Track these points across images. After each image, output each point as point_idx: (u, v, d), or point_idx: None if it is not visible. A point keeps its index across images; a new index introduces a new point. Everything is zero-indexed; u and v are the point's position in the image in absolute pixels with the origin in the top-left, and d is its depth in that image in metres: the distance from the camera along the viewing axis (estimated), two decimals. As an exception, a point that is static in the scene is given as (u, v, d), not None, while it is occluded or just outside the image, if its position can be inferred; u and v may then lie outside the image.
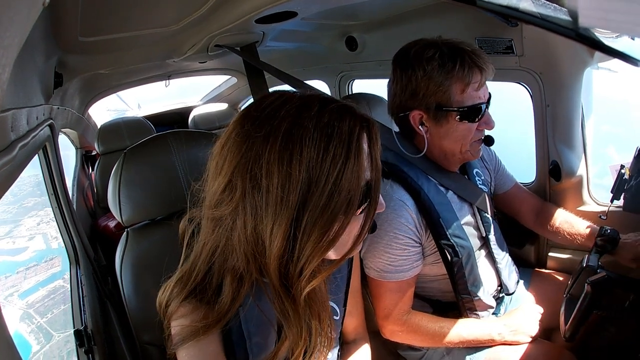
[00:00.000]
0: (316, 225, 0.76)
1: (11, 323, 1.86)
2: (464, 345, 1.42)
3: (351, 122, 0.79)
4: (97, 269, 1.95)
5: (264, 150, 0.76)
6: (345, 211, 0.78)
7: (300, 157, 0.74)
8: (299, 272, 0.80)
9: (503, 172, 1.76)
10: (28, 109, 1.18)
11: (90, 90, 3.31)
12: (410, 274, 1.39)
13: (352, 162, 0.76)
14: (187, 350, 0.88)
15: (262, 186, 0.76)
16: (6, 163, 0.83)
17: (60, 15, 1.17)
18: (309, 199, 0.75)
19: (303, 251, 0.78)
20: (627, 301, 1.20)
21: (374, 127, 0.84)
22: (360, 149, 0.78)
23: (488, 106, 1.36)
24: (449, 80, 1.29)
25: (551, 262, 1.85)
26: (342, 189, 0.76)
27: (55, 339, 1.90)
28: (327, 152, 0.75)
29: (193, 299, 0.90)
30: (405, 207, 1.37)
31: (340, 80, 3.14)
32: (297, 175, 0.74)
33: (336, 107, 0.80)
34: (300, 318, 0.87)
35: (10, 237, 2.33)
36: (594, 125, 1.68)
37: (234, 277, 0.87)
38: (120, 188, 1.38)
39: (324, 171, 0.75)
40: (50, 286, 2.19)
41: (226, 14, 1.58)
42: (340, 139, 0.76)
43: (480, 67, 1.29)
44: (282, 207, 0.75)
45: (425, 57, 1.30)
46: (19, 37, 0.49)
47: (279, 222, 0.76)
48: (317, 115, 0.77)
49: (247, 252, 0.82)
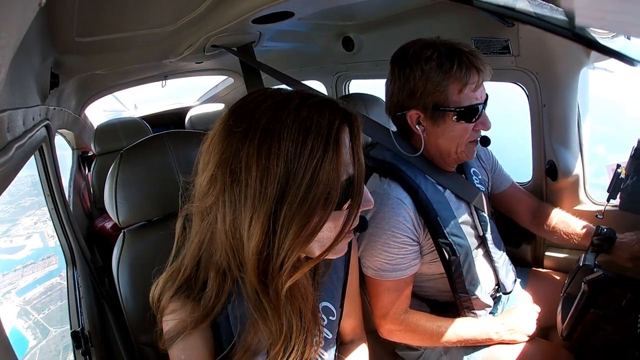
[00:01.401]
0: (294, 219, 0.77)
1: (9, 320, 1.88)
2: (462, 345, 1.42)
3: (331, 115, 0.79)
4: (93, 270, 1.95)
5: (243, 145, 0.77)
6: (323, 205, 0.78)
7: (278, 151, 0.75)
8: (280, 266, 0.81)
9: (500, 172, 1.76)
10: (24, 109, 1.17)
11: (87, 91, 3.30)
12: (408, 272, 1.39)
13: (331, 156, 0.76)
14: (178, 346, 0.89)
15: (242, 180, 0.77)
16: (2, 164, 0.83)
17: (57, 16, 1.16)
18: (287, 193, 0.76)
19: (282, 245, 0.79)
20: (624, 300, 1.21)
21: (357, 121, 0.83)
22: (340, 142, 0.78)
23: (485, 107, 1.37)
24: (447, 80, 1.29)
25: (548, 262, 1.86)
26: (320, 183, 0.76)
27: (52, 334, 1.91)
28: (305, 146, 0.75)
29: (182, 294, 0.91)
30: (403, 205, 1.37)
31: (337, 81, 3.14)
32: (275, 169, 0.75)
33: (316, 101, 0.81)
34: (279, 315, 0.87)
35: (8, 236, 2.34)
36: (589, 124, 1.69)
37: (217, 272, 0.88)
38: (117, 189, 1.37)
39: (302, 164, 0.75)
40: (47, 283, 2.21)
41: (223, 14, 1.58)
42: (318, 133, 0.76)
43: (478, 67, 1.29)
44: (260, 200, 0.76)
45: (424, 57, 1.31)
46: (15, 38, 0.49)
47: (257, 215, 0.77)
48: (296, 110, 0.78)
49: (226, 248, 0.84)
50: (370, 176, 1.51)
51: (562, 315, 1.28)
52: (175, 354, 0.91)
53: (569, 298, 1.28)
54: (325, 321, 1.08)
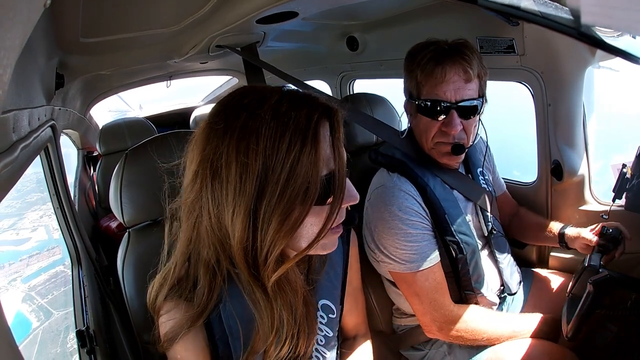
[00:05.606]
0: (275, 213, 0.78)
1: (14, 304, 1.96)
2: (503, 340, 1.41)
3: (309, 110, 0.80)
4: (98, 270, 1.95)
5: (223, 142, 0.79)
6: (303, 200, 0.78)
7: (257, 147, 0.76)
8: (264, 259, 0.82)
9: (497, 178, 1.79)
10: (30, 110, 1.18)
11: (92, 91, 3.32)
12: (435, 258, 1.39)
13: (309, 150, 0.77)
14: (174, 347, 0.91)
15: (222, 176, 0.79)
16: (8, 164, 0.83)
17: (62, 16, 1.17)
18: (266, 187, 0.77)
19: (265, 239, 0.80)
20: (629, 300, 1.20)
21: (337, 116, 0.84)
22: (318, 137, 0.79)
23: (457, 110, 1.34)
24: (413, 71, 1.36)
25: (553, 262, 1.85)
26: (299, 177, 0.77)
27: (54, 316, 1.97)
28: (283, 141, 0.76)
29: (175, 294, 0.92)
30: (413, 198, 1.39)
31: (341, 80, 3.14)
32: (254, 165, 0.76)
33: (295, 97, 0.82)
34: (272, 309, 0.88)
35: (14, 229, 2.40)
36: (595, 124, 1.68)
37: (207, 269, 0.89)
38: (122, 189, 1.38)
39: (280, 159, 0.76)
40: (51, 271, 2.28)
41: (227, 14, 1.58)
42: (296, 128, 0.77)
43: (440, 62, 1.30)
44: (240, 195, 0.78)
45: (415, 50, 1.38)
46: (20, 38, 0.49)
47: (237, 210, 0.79)
48: (274, 106, 0.79)
49: (214, 242, 0.85)
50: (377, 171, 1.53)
51: (567, 316, 1.27)
52: (171, 355, 0.92)
53: (574, 299, 1.27)
54: (325, 319, 1.08)
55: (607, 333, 1.33)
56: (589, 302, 1.17)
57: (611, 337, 1.32)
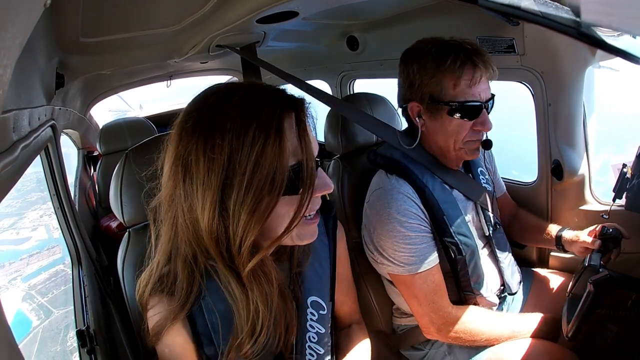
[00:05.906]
0: (244, 204, 0.80)
1: (14, 303, 1.97)
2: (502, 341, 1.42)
3: (273, 104, 0.82)
4: (99, 270, 1.95)
5: (192, 139, 0.81)
6: (270, 190, 0.80)
7: (222, 142, 0.79)
8: (238, 249, 0.84)
9: (497, 178, 1.79)
10: (30, 109, 1.18)
11: (92, 91, 3.32)
12: (434, 260, 1.39)
13: (273, 142, 0.79)
14: (161, 341, 0.94)
15: (192, 172, 0.81)
16: (8, 164, 0.83)
17: (62, 16, 1.17)
18: (234, 180, 0.79)
19: (237, 229, 0.82)
20: (630, 300, 1.20)
21: (302, 108, 0.86)
22: (282, 128, 0.81)
23: (487, 108, 1.36)
24: (442, 72, 1.32)
25: (553, 262, 1.85)
26: (264, 168, 0.79)
27: (54, 314, 1.98)
28: (247, 134, 0.78)
29: (158, 289, 0.95)
30: (411, 200, 1.38)
31: (342, 80, 3.14)
32: (219, 159, 0.79)
33: (260, 91, 0.84)
34: (247, 299, 0.90)
35: (14, 228, 2.41)
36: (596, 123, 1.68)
37: (185, 264, 0.91)
38: (122, 188, 1.38)
39: (245, 152, 0.78)
40: (51, 270, 2.29)
41: (227, 14, 1.58)
42: (259, 121, 0.79)
43: (475, 63, 1.30)
44: (208, 189, 0.80)
45: (424, 51, 1.35)
46: (20, 38, 0.49)
47: (205, 203, 0.81)
48: (239, 101, 0.81)
49: (189, 237, 0.88)
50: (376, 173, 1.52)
51: (567, 316, 1.27)
52: (160, 349, 0.95)
53: (574, 298, 1.27)
54: (316, 316, 1.09)
55: (607, 333, 1.33)
56: (589, 302, 1.17)
57: (611, 337, 1.32)
